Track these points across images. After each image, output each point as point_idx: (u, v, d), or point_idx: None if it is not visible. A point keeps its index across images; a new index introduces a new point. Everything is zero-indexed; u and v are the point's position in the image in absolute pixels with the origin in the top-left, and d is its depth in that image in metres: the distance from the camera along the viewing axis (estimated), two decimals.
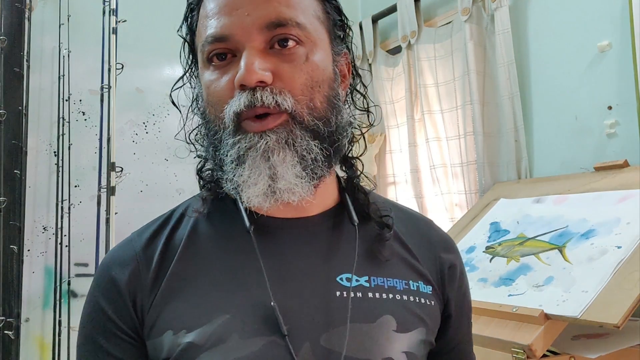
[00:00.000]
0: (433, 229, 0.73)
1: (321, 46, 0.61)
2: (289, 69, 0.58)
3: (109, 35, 1.83)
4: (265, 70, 0.56)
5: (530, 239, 1.36)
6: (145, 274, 0.60)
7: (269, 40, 0.58)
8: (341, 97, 0.64)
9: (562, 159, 1.68)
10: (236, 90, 0.57)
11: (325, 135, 0.59)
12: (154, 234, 0.64)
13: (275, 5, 0.57)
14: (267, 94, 0.56)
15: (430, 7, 2.15)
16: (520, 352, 1.05)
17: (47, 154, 1.90)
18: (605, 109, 1.56)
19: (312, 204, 0.62)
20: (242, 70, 0.56)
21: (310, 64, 0.59)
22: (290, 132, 0.57)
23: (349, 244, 0.63)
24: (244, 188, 0.57)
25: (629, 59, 1.48)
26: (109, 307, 0.60)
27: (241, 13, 0.57)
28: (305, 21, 0.59)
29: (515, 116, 1.76)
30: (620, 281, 1.05)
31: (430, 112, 2.07)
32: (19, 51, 1.78)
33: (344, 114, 0.63)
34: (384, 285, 0.62)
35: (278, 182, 0.56)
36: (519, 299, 1.17)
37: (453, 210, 2.01)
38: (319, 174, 0.59)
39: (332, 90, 0.61)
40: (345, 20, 0.68)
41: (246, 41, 0.57)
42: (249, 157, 0.56)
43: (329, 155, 0.60)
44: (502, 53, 1.77)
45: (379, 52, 2.34)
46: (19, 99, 1.76)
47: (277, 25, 0.57)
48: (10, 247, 1.68)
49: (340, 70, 0.65)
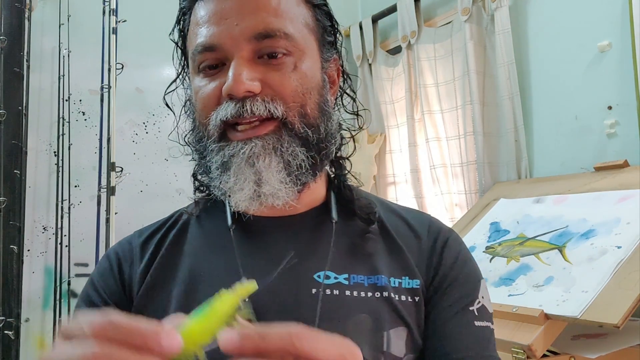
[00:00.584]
0: (428, 220, 0.70)
1: (309, 54, 0.62)
2: (277, 77, 0.58)
3: (109, 35, 1.83)
4: (254, 80, 0.57)
5: (530, 239, 1.36)
6: (137, 267, 0.64)
7: (257, 50, 0.58)
8: (330, 103, 0.65)
9: (562, 159, 1.68)
10: (224, 99, 0.58)
11: (314, 143, 0.60)
12: (152, 234, 0.68)
13: (263, 16, 0.58)
14: (258, 103, 0.57)
15: (430, 7, 2.15)
16: (520, 352, 1.05)
17: (47, 154, 1.90)
18: (605, 109, 1.56)
19: (298, 202, 0.62)
20: (230, 81, 0.56)
21: (298, 72, 0.60)
22: (279, 138, 0.58)
23: (329, 242, 0.64)
24: (231, 194, 0.59)
25: (629, 59, 1.48)
26: (99, 280, 0.64)
27: (230, 23, 0.58)
28: (293, 31, 0.60)
29: (515, 116, 1.76)
30: (620, 281, 1.05)
31: (430, 112, 2.07)
32: (19, 51, 1.78)
33: (333, 120, 0.64)
34: (363, 283, 0.61)
35: (263, 187, 0.57)
36: (519, 299, 1.17)
37: (453, 210, 2.01)
38: (303, 180, 0.60)
39: (321, 97, 0.62)
40: (336, 25, 0.68)
41: (235, 51, 0.58)
42: (234, 163, 0.58)
43: (315, 164, 0.61)
44: (502, 53, 1.77)
45: (379, 52, 2.33)
46: (19, 99, 1.76)
47: (265, 36, 0.58)
48: (10, 247, 1.68)
49: (329, 76, 0.66)
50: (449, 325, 0.62)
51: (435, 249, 0.66)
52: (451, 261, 0.65)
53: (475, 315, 0.63)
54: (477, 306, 0.64)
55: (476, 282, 0.66)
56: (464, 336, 0.62)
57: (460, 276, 0.65)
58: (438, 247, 0.66)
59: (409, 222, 0.69)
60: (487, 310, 0.65)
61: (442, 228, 0.69)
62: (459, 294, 0.64)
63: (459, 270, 0.65)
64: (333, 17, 0.68)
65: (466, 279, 0.65)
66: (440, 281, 0.64)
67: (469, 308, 0.63)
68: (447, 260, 0.65)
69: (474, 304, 0.64)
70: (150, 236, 0.67)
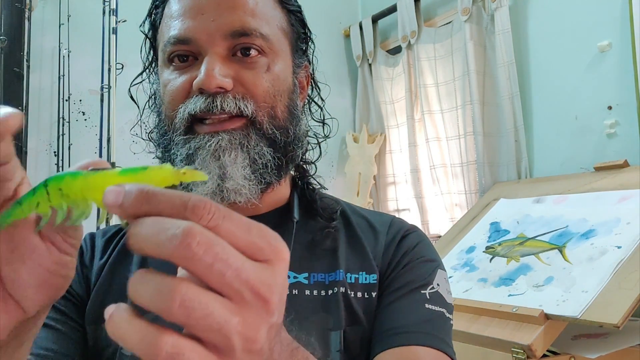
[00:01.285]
0: (391, 218, 0.70)
1: (282, 57, 0.62)
2: (250, 75, 0.58)
3: (109, 35, 1.83)
4: (226, 76, 0.57)
5: (530, 239, 1.36)
6: (97, 261, 0.64)
7: (231, 47, 0.58)
8: (299, 108, 0.65)
9: (562, 159, 1.68)
10: (194, 93, 0.57)
11: (281, 145, 0.60)
12: (116, 232, 0.68)
13: (240, 15, 0.58)
14: (229, 100, 0.57)
15: (430, 7, 2.15)
16: (520, 352, 1.05)
17: (47, 154, 1.90)
18: (605, 109, 1.56)
19: (261, 202, 0.62)
20: (202, 75, 0.56)
21: (271, 74, 0.60)
22: (247, 135, 0.58)
23: (290, 240, 0.63)
24: (193, 187, 0.57)
25: (629, 59, 1.48)
26: None
27: (206, 18, 0.58)
28: (269, 32, 0.60)
29: (515, 116, 1.76)
30: (620, 281, 1.06)
31: (430, 112, 2.07)
32: (19, 51, 1.78)
33: (302, 124, 0.65)
34: (324, 281, 0.61)
35: (226, 182, 0.57)
36: (519, 299, 1.17)
37: (453, 210, 2.01)
38: (268, 180, 0.60)
39: (291, 101, 0.63)
40: (309, 33, 0.69)
41: (209, 46, 0.57)
42: (199, 156, 0.57)
43: (281, 165, 0.61)
44: (502, 53, 1.77)
45: (379, 52, 2.34)
46: (19, 99, 1.76)
47: (241, 35, 0.58)
48: None
49: (299, 82, 0.66)
50: (396, 304, 0.60)
51: (394, 240, 0.65)
52: (406, 249, 0.64)
53: (426, 298, 0.60)
54: (430, 291, 0.61)
55: (433, 269, 0.64)
56: (412, 314, 0.59)
57: (413, 261, 0.63)
58: (397, 239, 0.66)
59: (370, 220, 0.69)
60: (442, 298, 0.61)
61: (405, 225, 0.69)
62: (410, 277, 0.62)
63: (414, 256, 0.64)
64: (306, 24, 0.68)
65: (421, 265, 0.63)
66: (394, 267, 0.63)
67: (421, 291, 0.61)
68: (403, 249, 0.64)
69: (427, 288, 0.61)
70: (114, 235, 0.67)
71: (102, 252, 0.65)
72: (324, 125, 0.73)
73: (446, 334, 0.60)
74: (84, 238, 0.68)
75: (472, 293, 1.29)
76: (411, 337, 0.57)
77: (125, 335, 0.26)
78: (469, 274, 1.38)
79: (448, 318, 0.61)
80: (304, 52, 0.68)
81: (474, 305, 1.22)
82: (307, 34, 0.68)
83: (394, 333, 0.57)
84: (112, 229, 0.69)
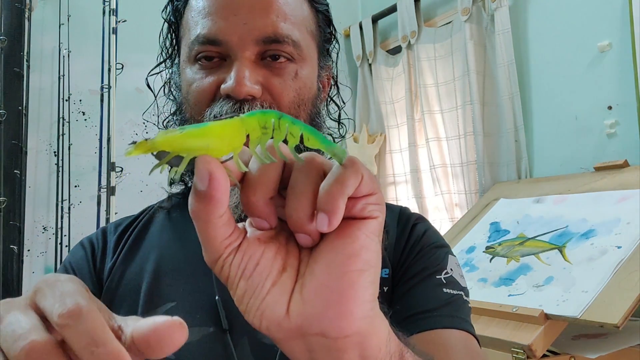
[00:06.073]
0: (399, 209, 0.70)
1: (310, 63, 0.62)
2: (278, 83, 0.58)
3: (109, 35, 1.83)
4: (256, 83, 0.56)
5: (530, 239, 1.36)
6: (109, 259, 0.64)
7: (261, 52, 0.58)
8: (321, 115, 0.65)
9: (562, 159, 1.68)
10: (220, 96, 0.57)
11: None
12: (126, 228, 0.67)
13: (273, 19, 0.57)
14: (257, 108, 0.56)
15: (430, 7, 2.15)
16: (520, 352, 1.05)
17: (47, 154, 1.90)
18: (605, 109, 1.56)
19: None
20: (232, 82, 0.55)
21: (298, 81, 0.59)
22: None
23: None
24: None
25: (629, 59, 1.48)
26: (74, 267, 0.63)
27: (239, 20, 0.56)
28: (299, 38, 0.59)
29: (515, 116, 1.76)
30: (620, 281, 1.05)
31: (430, 112, 2.07)
32: (19, 51, 1.78)
33: (322, 131, 0.65)
34: None
35: None
36: (519, 299, 1.17)
37: (453, 210, 2.01)
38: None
39: (314, 108, 0.62)
40: (334, 32, 0.68)
41: (239, 50, 0.56)
42: None
43: None
44: (502, 53, 1.77)
45: (379, 52, 2.33)
46: (19, 99, 1.76)
47: (272, 41, 0.57)
48: (10, 247, 1.68)
49: (322, 84, 0.66)
50: (414, 291, 0.60)
51: (404, 233, 0.65)
52: (416, 238, 0.65)
53: (443, 282, 0.61)
54: (444, 276, 0.62)
55: (444, 255, 0.64)
56: (432, 299, 0.59)
57: (425, 249, 0.64)
58: (407, 230, 0.66)
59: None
60: (457, 283, 0.62)
61: (412, 215, 0.69)
62: (424, 264, 0.62)
63: (424, 243, 0.64)
64: (332, 22, 0.67)
65: (432, 251, 0.64)
66: (407, 256, 0.63)
67: (436, 276, 0.61)
68: (413, 238, 0.65)
69: (441, 273, 0.62)
70: (125, 229, 0.67)
71: (113, 252, 0.65)
72: (340, 125, 0.73)
73: (467, 315, 0.61)
74: (96, 234, 0.68)
75: (472, 293, 1.28)
76: (436, 320, 0.57)
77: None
78: (469, 274, 1.38)
79: (466, 301, 0.62)
80: (328, 52, 0.67)
81: (474, 305, 1.21)
82: (333, 32, 0.67)
83: (417, 319, 0.57)
84: (125, 221, 0.68)
